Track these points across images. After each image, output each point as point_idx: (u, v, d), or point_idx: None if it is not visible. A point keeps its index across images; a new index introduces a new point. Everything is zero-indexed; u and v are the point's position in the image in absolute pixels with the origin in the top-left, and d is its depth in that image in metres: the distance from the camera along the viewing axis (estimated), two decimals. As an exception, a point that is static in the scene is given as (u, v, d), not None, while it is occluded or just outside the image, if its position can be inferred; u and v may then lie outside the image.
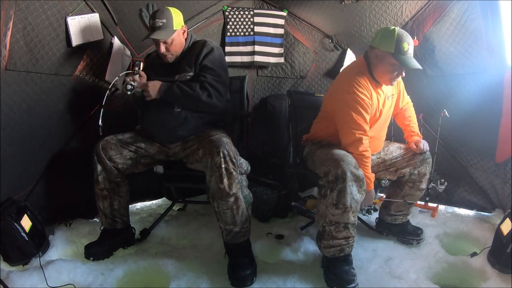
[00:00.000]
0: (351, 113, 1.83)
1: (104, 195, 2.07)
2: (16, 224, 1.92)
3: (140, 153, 2.09)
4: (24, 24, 1.82)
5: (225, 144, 1.83)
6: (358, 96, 1.83)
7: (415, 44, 2.34)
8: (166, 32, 1.96)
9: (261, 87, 2.96)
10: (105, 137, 2.04)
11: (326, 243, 1.83)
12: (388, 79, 1.89)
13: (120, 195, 2.11)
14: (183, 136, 2.08)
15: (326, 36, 2.80)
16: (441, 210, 2.59)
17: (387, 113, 2.04)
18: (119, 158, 2.03)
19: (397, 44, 1.78)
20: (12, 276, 1.82)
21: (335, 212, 1.76)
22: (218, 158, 1.78)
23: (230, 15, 2.72)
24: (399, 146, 2.15)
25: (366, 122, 1.85)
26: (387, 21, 2.47)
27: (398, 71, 1.85)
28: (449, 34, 2.25)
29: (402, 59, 1.79)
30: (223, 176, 1.78)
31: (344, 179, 1.70)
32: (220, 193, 1.80)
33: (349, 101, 1.85)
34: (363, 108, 1.83)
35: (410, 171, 2.07)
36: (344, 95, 1.87)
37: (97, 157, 2.01)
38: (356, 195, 1.74)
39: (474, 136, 2.36)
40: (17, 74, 1.88)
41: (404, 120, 2.21)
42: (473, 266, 1.96)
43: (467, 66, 2.25)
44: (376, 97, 1.93)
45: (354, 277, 1.79)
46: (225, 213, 1.84)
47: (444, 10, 2.23)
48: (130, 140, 2.09)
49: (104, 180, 2.03)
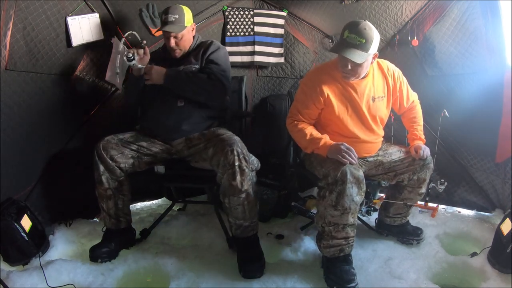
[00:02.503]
0: (294, 102, 2.00)
1: (108, 195, 2.04)
2: (16, 224, 1.92)
3: (142, 151, 2.08)
4: (24, 24, 1.82)
5: (238, 142, 1.87)
6: (302, 89, 1.95)
7: (414, 44, 2.36)
8: (178, 26, 2.05)
9: (261, 87, 2.96)
10: (105, 137, 2.03)
11: (326, 243, 1.83)
12: (341, 73, 1.84)
13: (124, 193, 2.10)
14: (186, 131, 2.09)
15: (326, 36, 2.80)
16: (441, 210, 2.59)
17: (372, 113, 1.94)
18: (121, 157, 2.01)
19: (341, 35, 1.75)
20: (12, 276, 1.82)
21: (334, 213, 1.75)
22: (231, 156, 1.82)
23: (230, 15, 2.72)
24: (399, 149, 2.08)
25: (304, 114, 1.93)
26: (387, 21, 2.47)
27: (341, 62, 1.79)
28: (449, 34, 2.25)
29: (335, 48, 1.78)
30: (236, 173, 1.82)
31: (343, 181, 1.69)
32: (232, 190, 1.85)
33: (298, 91, 2.00)
34: (302, 102, 1.93)
35: (409, 177, 2.01)
36: (298, 89, 2.02)
37: (99, 157, 1.99)
38: (356, 197, 1.73)
39: (474, 136, 2.36)
40: (17, 74, 1.88)
41: (409, 121, 2.15)
42: (473, 266, 1.96)
43: (467, 66, 2.25)
44: (342, 95, 1.88)
45: (354, 276, 1.79)
46: (236, 208, 1.89)
47: (444, 10, 2.23)
48: (131, 139, 2.08)
49: (107, 180, 2.01)
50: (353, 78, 1.83)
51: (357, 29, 1.68)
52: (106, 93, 2.39)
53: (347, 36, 1.70)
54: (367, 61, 1.76)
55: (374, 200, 2.43)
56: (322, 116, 1.97)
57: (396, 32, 2.50)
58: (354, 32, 1.69)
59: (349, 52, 1.69)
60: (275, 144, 2.84)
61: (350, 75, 1.81)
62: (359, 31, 1.68)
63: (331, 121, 1.95)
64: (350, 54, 1.69)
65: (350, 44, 1.69)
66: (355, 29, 1.69)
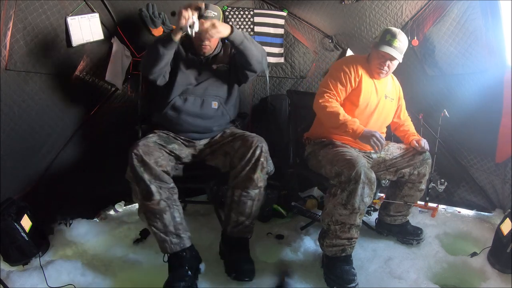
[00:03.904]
0: (328, 79, 2.04)
1: (163, 208, 1.74)
2: (16, 224, 1.92)
3: (174, 154, 1.95)
4: (24, 24, 1.82)
5: (264, 142, 1.93)
6: (340, 68, 2.02)
7: (414, 44, 2.37)
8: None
9: (261, 87, 2.96)
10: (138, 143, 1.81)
11: (329, 242, 1.83)
12: (375, 67, 2.03)
13: (178, 203, 1.84)
14: (216, 131, 2.10)
15: (326, 36, 2.80)
16: (441, 210, 2.59)
17: (385, 111, 2.12)
18: (164, 160, 1.82)
19: (383, 35, 1.98)
20: (12, 276, 1.82)
21: (343, 212, 1.76)
22: (258, 152, 1.87)
23: (230, 15, 2.72)
24: (399, 146, 2.17)
25: (338, 90, 2.00)
26: (387, 21, 2.47)
27: (380, 60, 2.00)
28: (449, 34, 2.25)
29: (381, 46, 1.95)
30: (257, 168, 1.86)
31: (357, 180, 1.71)
32: (249, 182, 1.86)
33: (332, 71, 2.08)
34: (340, 78, 2.00)
35: (410, 171, 2.08)
36: (331, 69, 2.12)
37: (143, 166, 1.73)
38: (366, 198, 1.75)
39: (474, 136, 2.36)
40: (17, 74, 1.88)
41: (403, 130, 2.28)
42: (473, 266, 1.96)
43: (467, 66, 2.25)
44: (368, 84, 2.04)
45: (354, 277, 1.79)
46: (245, 203, 1.88)
47: (444, 10, 2.23)
48: (161, 141, 1.92)
49: (157, 189, 1.74)
50: (383, 75, 2.06)
51: (399, 36, 1.96)
52: (106, 93, 2.39)
53: (389, 39, 1.96)
54: (398, 62, 2.03)
55: (374, 200, 2.44)
56: (346, 99, 2.06)
57: (396, 32, 2.50)
58: (397, 38, 1.96)
59: (394, 52, 1.95)
60: (275, 144, 2.83)
61: (385, 72, 2.03)
62: (400, 38, 1.97)
63: (353, 105, 2.04)
64: (394, 53, 1.95)
65: (393, 46, 1.95)
66: (397, 36, 1.96)
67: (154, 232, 1.78)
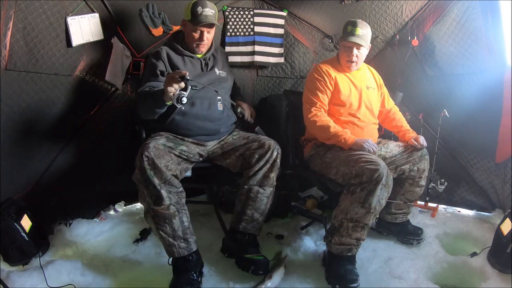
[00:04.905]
0: (307, 93, 2.14)
1: (172, 213, 1.74)
2: (16, 224, 1.92)
3: (183, 157, 1.93)
4: (24, 24, 1.82)
5: (279, 146, 2.04)
6: (314, 78, 2.12)
7: (414, 44, 2.37)
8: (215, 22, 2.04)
9: (261, 87, 2.96)
10: (148, 145, 1.76)
11: (338, 240, 1.84)
12: (344, 61, 2.12)
13: (185, 207, 1.82)
14: (223, 133, 2.14)
15: (326, 36, 2.80)
16: (441, 210, 2.59)
17: (370, 102, 2.18)
18: (173, 163, 1.81)
19: (344, 28, 2.08)
20: (12, 276, 1.82)
21: (360, 210, 1.78)
22: (276, 154, 1.99)
23: (230, 15, 2.72)
24: (397, 144, 2.20)
25: (321, 99, 2.09)
26: (387, 21, 2.48)
27: (347, 51, 2.08)
28: (449, 34, 2.25)
29: (345, 37, 2.05)
30: (274, 167, 1.98)
31: (378, 181, 1.74)
32: (266, 181, 1.96)
33: (307, 84, 2.17)
34: (317, 88, 2.10)
35: (410, 168, 2.11)
36: (306, 83, 2.20)
37: (153, 169, 1.71)
38: (382, 200, 1.78)
39: (474, 136, 2.36)
40: (17, 74, 1.88)
41: (395, 122, 2.30)
42: (473, 266, 1.96)
43: (467, 66, 2.25)
44: (344, 81, 2.12)
45: (357, 277, 1.80)
46: (262, 199, 1.96)
47: (444, 10, 2.24)
48: (170, 144, 1.89)
49: (167, 194, 1.73)
50: (354, 66, 2.12)
51: (359, 24, 2.05)
52: (106, 93, 2.39)
53: (351, 30, 2.04)
54: (366, 50, 2.11)
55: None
56: (330, 103, 2.13)
57: (396, 32, 2.50)
58: (358, 26, 2.04)
59: (358, 39, 2.02)
60: (275, 144, 2.83)
61: (354, 62, 2.09)
62: (361, 26, 2.04)
63: (338, 105, 2.12)
64: (358, 40, 2.02)
65: (355, 35, 2.03)
66: (358, 25, 2.04)
67: (162, 236, 1.76)
